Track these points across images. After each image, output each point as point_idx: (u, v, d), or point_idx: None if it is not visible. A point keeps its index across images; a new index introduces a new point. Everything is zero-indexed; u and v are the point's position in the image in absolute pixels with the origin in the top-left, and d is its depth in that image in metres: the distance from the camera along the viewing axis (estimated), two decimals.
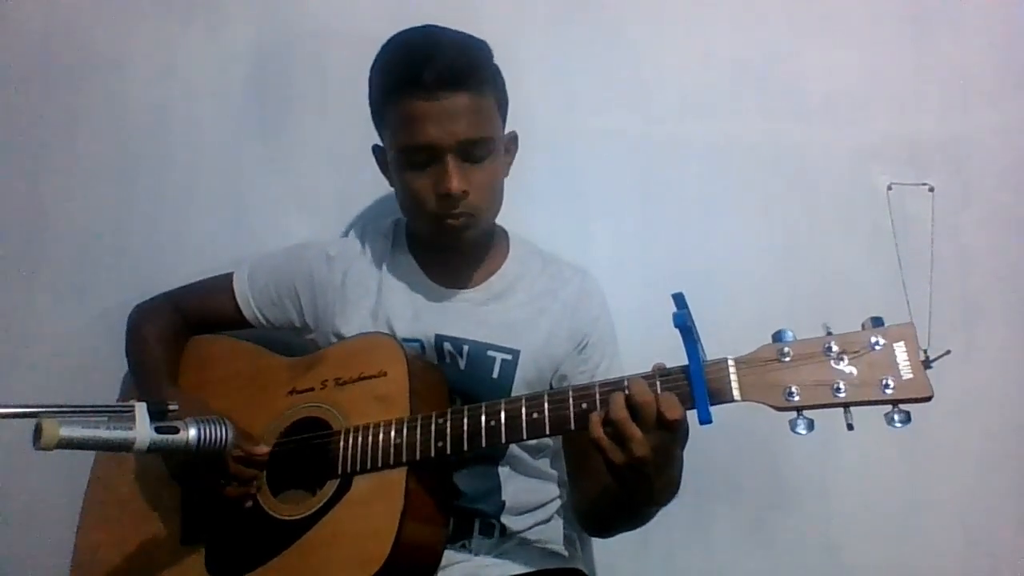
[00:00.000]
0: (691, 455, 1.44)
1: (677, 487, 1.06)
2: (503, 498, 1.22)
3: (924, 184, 1.42)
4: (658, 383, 0.97)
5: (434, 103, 1.13)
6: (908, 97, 1.52)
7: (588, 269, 1.35)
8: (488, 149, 1.19)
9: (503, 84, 1.24)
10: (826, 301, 1.45)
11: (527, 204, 1.32)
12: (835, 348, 0.92)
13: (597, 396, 0.99)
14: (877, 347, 0.91)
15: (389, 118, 1.19)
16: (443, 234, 1.21)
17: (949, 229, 1.42)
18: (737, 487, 1.47)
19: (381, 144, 1.28)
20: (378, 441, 1.08)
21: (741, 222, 1.50)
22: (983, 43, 1.52)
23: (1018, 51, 1.51)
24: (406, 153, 1.17)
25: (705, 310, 0.99)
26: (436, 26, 1.22)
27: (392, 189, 1.30)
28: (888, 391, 0.89)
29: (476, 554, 1.18)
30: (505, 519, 1.21)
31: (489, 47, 1.22)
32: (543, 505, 1.26)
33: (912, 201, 1.42)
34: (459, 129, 1.15)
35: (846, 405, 0.91)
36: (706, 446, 1.44)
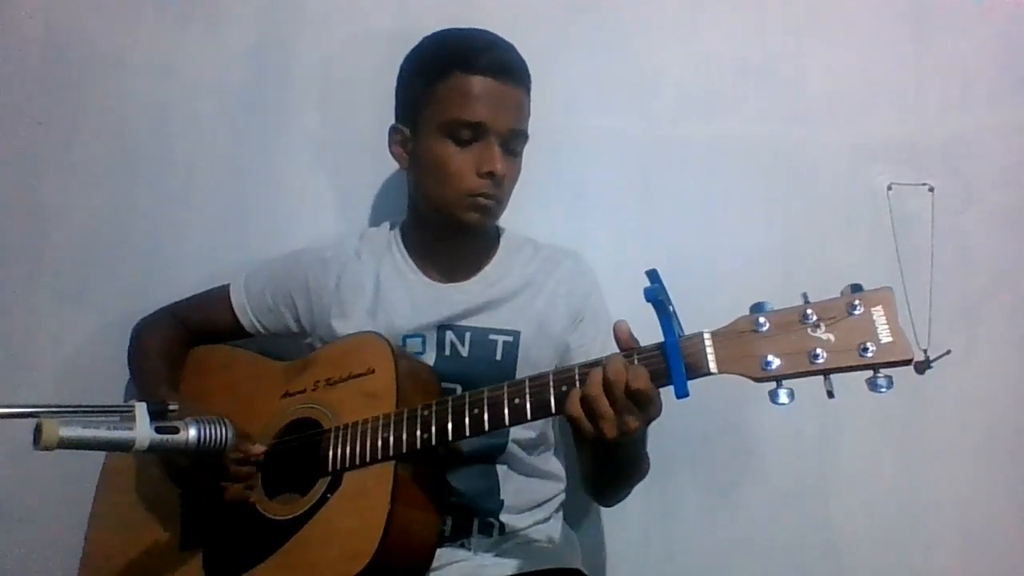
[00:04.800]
0: (691, 457, 1.45)
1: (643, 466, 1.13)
2: (502, 497, 1.22)
3: (924, 184, 1.42)
4: (635, 358, 0.97)
5: (493, 85, 1.19)
6: (908, 97, 1.51)
7: (580, 253, 1.37)
8: (522, 146, 1.26)
9: None
10: None
11: (527, 204, 1.32)
12: (813, 315, 0.90)
13: (576, 378, 0.98)
14: (855, 312, 0.88)
15: (440, 91, 1.21)
16: (472, 211, 1.22)
17: (949, 229, 1.42)
18: (737, 488, 1.47)
19: (399, 125, 1.28)
20: (366, 437, 1.08)
21: (741, 222, 1.50)
22: (983, 43, 1.51)
23: (1018, 51, 1.51)
24: (454, 127, 1.20)
25: (704, 311, 0.99)
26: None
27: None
28: (868, 355, 0.87)
29: (475, 553, 1.18)
30: (504, 518, 1.21)
31: None
32: (542, 504, 1.27)
33: (912, 201, 1.42)
34: (509, 118, 1.21)
35: (825, 372, 0.89)
36: (706, 448, 1.46)
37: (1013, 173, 1.50)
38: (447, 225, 1.26)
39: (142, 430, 0.97)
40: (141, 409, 0.98)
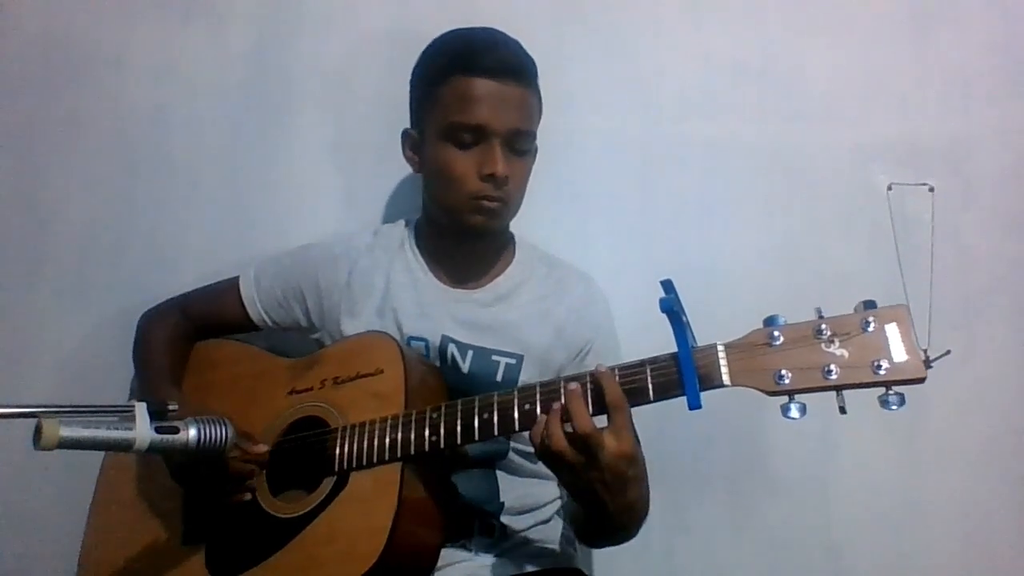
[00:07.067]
0: (691, 456, 1.45)
1: (640, 514, 1.08)
2: (502, 499, 1.22)
3: (924, 184, 1.42)
4: (648, 368, 0.97)
5: (493, 86, 1.18)
6: (908, 97, 1.52)
7: (592, 275, 1.36)
8: (529, 144, 1.24)
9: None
10: (826, 301, 1.43)
11: (527, 204, 1.31)
12: (827, 331, 0.91)
13: (588, 383, 0.99)
14: (869, 329, 0.89)
15: (441, 95, 1.20)
16: (477, 213, 1.21)
17: (949, 229, 1.42)
18: (736, 487, 1.47)
19: (410, 129, 1.29)
20: (373, 438, 1.08)
21: (741, 222, 1.50)
22: (983, 43, 1.52)
23: (1018, 51, 1.51)
24: (454, 130, 1.19)
25: (705, 310, 0.99)
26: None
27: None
28: (880, 372, 0.88)
29: (476, 554, 1.18)
30: (505, 519, 1.21)
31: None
32: (543, 505, 1.26)
33: (912, 201, 1.42)
34: (511, 118, 1.19)
35: (837, 388, 0.90)
36: (706, 447, 1.46)
37: (1013, 173, 1.50)
38: (456, 228, 1.25)
39: (142, 430, 0.97)
40: (141, 409, 0.98)
